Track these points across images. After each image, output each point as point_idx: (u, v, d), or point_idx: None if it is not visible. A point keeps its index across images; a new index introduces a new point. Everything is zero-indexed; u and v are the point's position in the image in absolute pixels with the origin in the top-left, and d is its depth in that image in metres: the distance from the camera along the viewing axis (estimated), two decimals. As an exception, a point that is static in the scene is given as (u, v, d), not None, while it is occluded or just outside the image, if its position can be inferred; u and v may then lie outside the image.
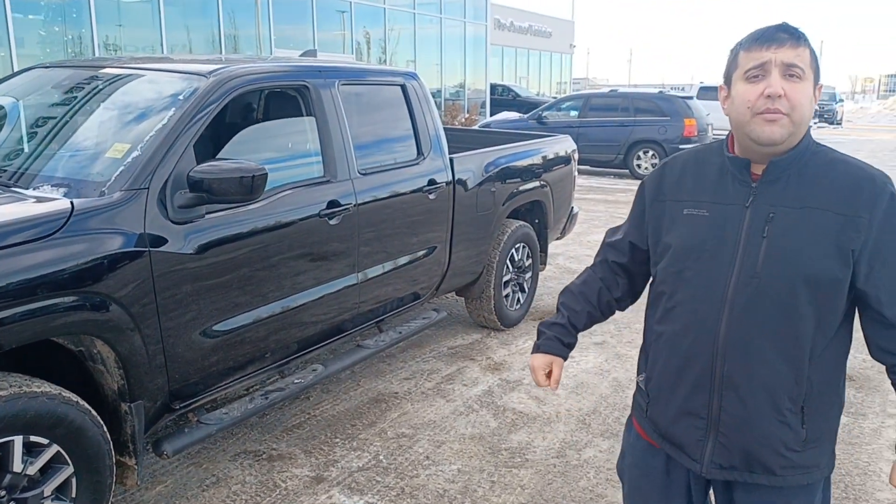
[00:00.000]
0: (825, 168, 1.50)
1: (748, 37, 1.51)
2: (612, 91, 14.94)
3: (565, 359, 1.83)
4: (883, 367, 1.56)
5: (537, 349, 1.83)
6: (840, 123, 30.57)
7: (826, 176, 1.48)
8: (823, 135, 25.92)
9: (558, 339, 1.82)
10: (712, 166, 1.59)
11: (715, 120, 13.71)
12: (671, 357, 1.61)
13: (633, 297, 1.87)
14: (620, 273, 1.81)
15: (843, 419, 3.65)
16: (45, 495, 2.25)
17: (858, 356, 4.37)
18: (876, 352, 1.55)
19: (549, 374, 1.81)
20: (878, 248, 1.44)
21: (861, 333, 1.57)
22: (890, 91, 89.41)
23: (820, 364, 1.50)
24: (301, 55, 4.48)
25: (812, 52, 1.47)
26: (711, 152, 1.63)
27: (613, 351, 4.61)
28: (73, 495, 2.33)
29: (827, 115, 29.85)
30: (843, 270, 1.44)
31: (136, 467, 2.55)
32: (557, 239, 5.74)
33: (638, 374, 1.79)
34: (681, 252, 1.57)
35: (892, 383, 1.55)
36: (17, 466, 2.16)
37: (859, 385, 4.07)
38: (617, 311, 1.87)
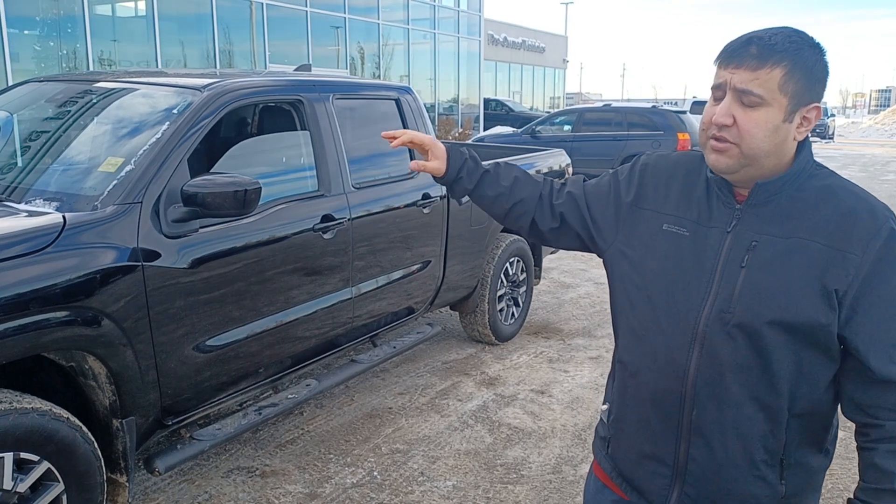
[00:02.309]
0: (821, 194, 1.30)
1: (723, 47, 1.32)
2: (605, 105, 15.02)
3: (448, 167, 1.66)
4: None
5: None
6: (832, 138, 30.80)
7: (820, 203, 1.29)
8: (815, 149, 26.07)
9: (468, 155, 1.67)
10: (700, 180, 1.41)
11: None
12: (635, 392, 1.43)
13: (540, 238, 1.67)
14: (558, 211, 1.60)
15: (842, 433, 3.64)
16: (34, 513, 2.22)
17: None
18: (849, 409, 1.32)
19: (425, 152, 1.67)
20: (865, 290, 1.23)
21: None
22: (881, 106, 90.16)
23: (806, 416, 1.32)
24: (296, 70, 4.49)
25: (791, 72, 1.24)
26: (701, 162, 1.42)
27: (609, 366, 4.60)
28: (64, 513, 2.30)
29: (819, 130, 30.08)
30: (828, 314, 1.24)
31: (127, 484, 2.52)
32: (552, 253, 5.75)
33: (603, 403, 1.59)
34: (652, 273, 1.39)
35: (858, 446, 1.32)
36: (8, 483, 2.13)
37: (854, 399, 4.07)
38: (514, 224, 1.67)
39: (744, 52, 1.25)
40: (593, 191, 1.59)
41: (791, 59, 1.24)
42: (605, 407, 1.57)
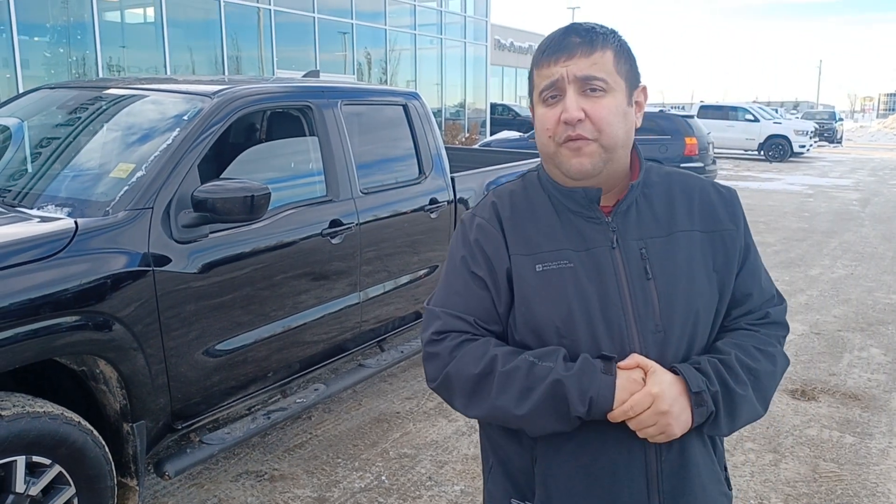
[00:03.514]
0: (666, 184, 1.28)
1: (538, 48, 1.22)
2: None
3: None
4: (889, 387, 1.38)
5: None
6: (840, 142, 30.66)
7: (672, 192, 1.27)
8: (824, 153, 26.02)
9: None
10: (542, 205, 1.26)
11: (716, 139, 13.78)
12: (587, 465, 1.20)
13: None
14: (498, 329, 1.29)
15: (850, 439, 3.65)
16: (46, 516, 2.24)
17: (864, 375, 4.35)
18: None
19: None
20: (746, 253, 1.29)
21: (868, 352, 1.47)
22: (889, 110, 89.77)
23: None
24: (304, 76, 4.52)
25: (618, 53, 1.19)
26: (529, 187, 1.30)
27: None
28: (75, 516, 2.32)
29: (827, 134, 29.95)
30: (724, 296, 1.25)
31: (137, 488, 2.53)
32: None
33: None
34: (558, 323, 1.18)
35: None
36: (20, 487, 2.14)
37: (865, 405, 4.05)
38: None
39: (568, 42, 1.18)
40: (464, 300, 1.27)
41: (613, 41, 1.20)
42: None
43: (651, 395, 1.12)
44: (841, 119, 33.54)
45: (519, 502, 1.27)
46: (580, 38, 1.18)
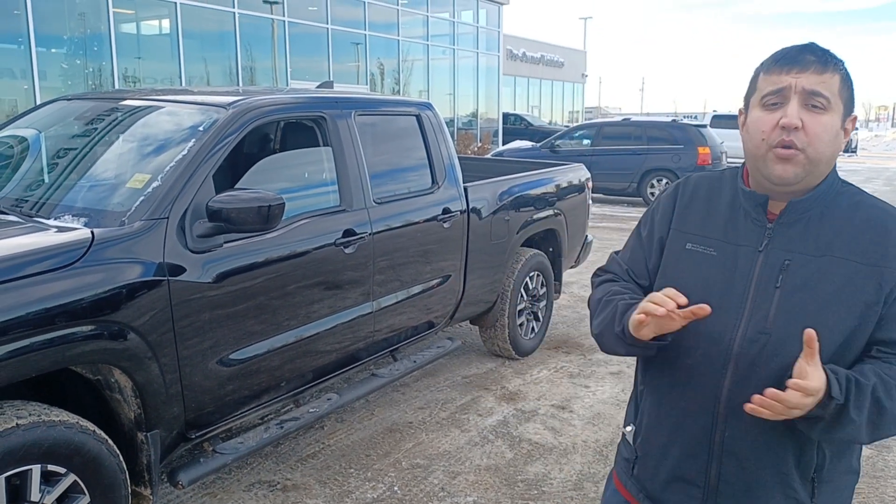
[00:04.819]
0: (850, 211, 1.33)
1: (770, 57, 1.33)
2: (624, 120, 15.00)
3: None
4: None
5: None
6: (855, 151, 30.46)
7: (851, 220, 1.31)
8: (839, 163, 25.76)
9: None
10: (723, 197, 1.42)
11: (729, 148, 13.71)
12: (665, 414, 1.44)
13: None
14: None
15: (867, 451, 3.60)
16: (60, 525, 2.25)
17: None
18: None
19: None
20: None
21: None
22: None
23: None
24: (318, 86, 4.54)
25: (844, 79, 1.29)
26: (724, 181, 1.46)
27: (630, 381, 4.57)
28: (89, 525, 2.33)
29: (841, 143, 29.72)
30: (864, 329, 1.27)
31: (151, 497, 2.54)
32: (572, 267, 5.73)
33: (625, 425, 1.59)
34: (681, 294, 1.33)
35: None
36: (35, 495, 2.16)
37: (881, 416, 4.00)
38: None
39: (803, 58, 1.28)
40: (629, 253, 1.58)
41: (843, 68, 1.30)
42: (629, 429, 1.57)
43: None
44: (856, 128, 33.31)
45: (631, 424, 1.56)
46: (815, 56, 1.28)
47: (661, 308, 1.24)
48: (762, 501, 1.35)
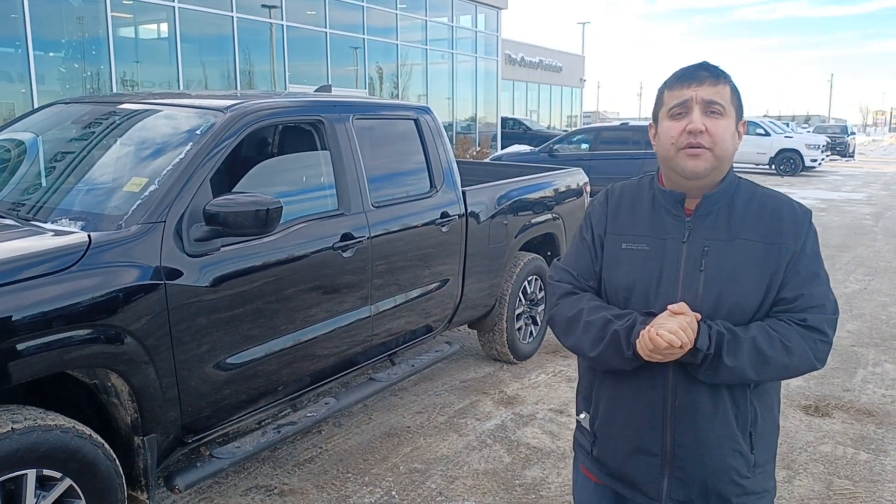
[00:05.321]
0: (749, 200, 1.58)
1: (671, 76, 1.57)
2: (622, 124, 15.01)
3: None
4: None
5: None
6: (852, 156, 30.50)
7: (751, 208, 1.56)
8: (836, 167, 25.88)
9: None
10: (644, 200, 1.64)
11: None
12: (620, 396, 1.63)
13: None
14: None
15: (865, 456, 3.60)
16: (56, 530, 2.24)
17: (878, 391, 4.31)
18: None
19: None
20: (796, 265, 1.53)
21: (882, 368, 1.55)
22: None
23: (759, 388, 1.58)
24: (316, 90, 4.54)
25: (733, 90, 1.54)
26: (642, 187, 1.68)
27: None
28: (85, 530, 2.31)
29: (839, 148, 29.79)
30: (772, 293, 1.52)
31: (147, 502, 2.53)
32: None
33: (578, 413, 1.79)
34: (623, 289, 1.60)
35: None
36: (30, 500, 2.14)
37: (879, 421, 4.00)
38: None
39: (699, 74, 1.53)
40: (574, 258, 1.75)
41: (731, 81, 1.55)
42: (583, 416, 1.76)
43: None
44: (853, 133, 33.38)
45: (585, 412, 1.75)
46: (709, 72, 1.53)
47: (687, 341, 1.44)
48: (714, 459, 1.55)
